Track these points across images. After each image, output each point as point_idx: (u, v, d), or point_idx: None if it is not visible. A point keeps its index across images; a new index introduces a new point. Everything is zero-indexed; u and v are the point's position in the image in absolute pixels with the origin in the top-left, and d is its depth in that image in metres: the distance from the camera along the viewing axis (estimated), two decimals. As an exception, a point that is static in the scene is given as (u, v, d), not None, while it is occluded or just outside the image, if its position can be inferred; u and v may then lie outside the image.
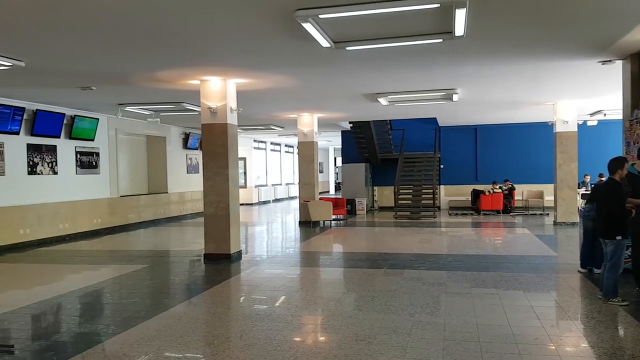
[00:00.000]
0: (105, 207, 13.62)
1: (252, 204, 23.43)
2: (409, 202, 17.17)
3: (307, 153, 14.84)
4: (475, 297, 6.14)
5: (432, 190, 16.71)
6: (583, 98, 12.19)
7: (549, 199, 15.97)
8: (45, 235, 11.55)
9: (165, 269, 8.73)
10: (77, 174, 12.63)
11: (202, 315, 5.72)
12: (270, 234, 13.67)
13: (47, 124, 11.51)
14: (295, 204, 21.14)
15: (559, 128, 13.06)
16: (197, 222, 15.64)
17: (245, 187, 23.17)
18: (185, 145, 17.71)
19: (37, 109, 11.19)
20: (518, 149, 18.36)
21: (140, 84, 9.22)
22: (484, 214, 16.55)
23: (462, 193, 18.51)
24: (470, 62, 7.82)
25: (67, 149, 12.30)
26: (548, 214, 15.89)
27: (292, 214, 18.86)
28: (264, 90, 9.98)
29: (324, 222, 14.45)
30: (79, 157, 12.71)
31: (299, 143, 14.93)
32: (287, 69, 8.19)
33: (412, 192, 17.28)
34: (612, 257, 5.70)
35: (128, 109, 12.21)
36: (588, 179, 16.49)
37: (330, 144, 30.68)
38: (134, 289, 7.06)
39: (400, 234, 12.64)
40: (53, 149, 11.85)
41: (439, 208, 18.10)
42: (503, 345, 4.43)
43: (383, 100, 11.28)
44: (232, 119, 9.09)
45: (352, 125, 17.78)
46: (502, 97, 11.61)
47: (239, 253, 9.25)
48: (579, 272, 7.37)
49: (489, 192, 16.85)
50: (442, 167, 18.75)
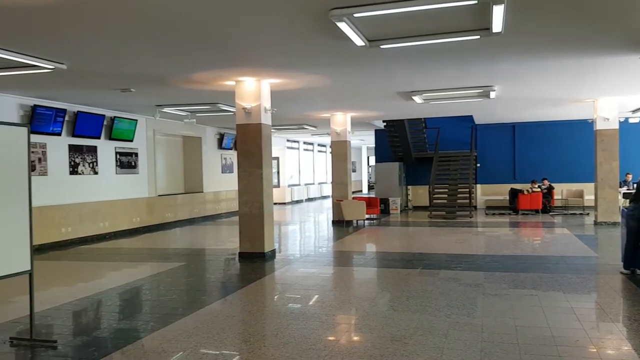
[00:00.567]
0: (144, 206, 13.92)
1: (285, 204, 23.56)
2: (445, 201, 16.96)
3: (340, 152, 14.83)
4: (514, 298, 6.02)
5: (468, 190, 16.47)
6: (625, 95, 11.82)
7: (589, 198, 15.51)
8: (86, 234, 11.89)
9: (201, 267, 8.87)
10: (116, 174, 12.95)
11: (237, 313, 5.79)
12: (303, 233, 13.72)
13: (87, 125, 11.84)
14: (328, 203, 21.17)
15: (600, 125, 12.71)
16: (231, 221, 15.84)
17: (279, 186, 23.32)
18: (220, 146, 17.94)
19: (78, 111, 11.52)
20: (557, 147, 17.91)
21: (178, 86, 9.39)
22: (522, 214, 16.22)
23: (499, 192, 18.17)
24: (508, 58, 7.68)
25: (107, 150, 12.62)
26: (588, 214, 15.46)
27: (324, 213, 18.88)
28: (298, 90, 10.02)
29: (357, 221, 14.41)
30: (119, 157, 13.02)
31: (332, 142, 14.93)
32: (320, 69, 8.20)
33: (447, 191, 17.07)
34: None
35: (165, 110, 12.45)
36: (630, 178, 15.95)
37: (363, 143, 30.58)
38: (172, 287, 7.20)
39: (436, 234, 12.50)
40: (94, 150, 12.18)
41: (476, 207, 17.79)
42: (542, 347, 4.33)
43: (418, 99, 11.18)
44: (266, 119, 9.16)
45: (385, 124, 17.68)
46: (540, 94, 11.35)
47: (273, 252, 9.32)
48: (622, 273, 7.13)
49: (528, 191, 16.50)
50: (478, 165, 18.45)
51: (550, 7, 5.26)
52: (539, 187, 16.65)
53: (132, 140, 13.38)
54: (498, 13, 5.18)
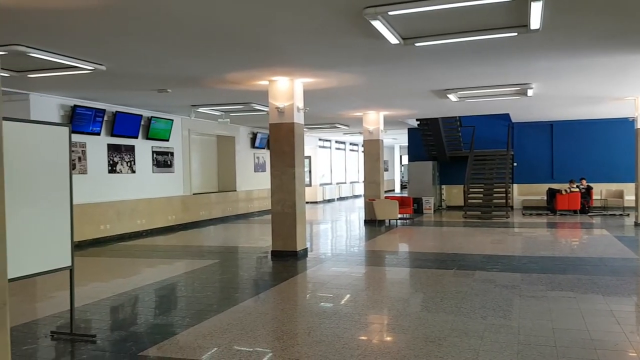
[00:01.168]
0: (179, 204, 14.17)
1: (316, 202, 23.61)
2: (480, 201, 16.70)
3: (372, 151, 14.77)
4: (551, 300, 5.89)
5: (504, 189, 16.18)
6: (669, 92, 11.43)
7: (630, 199, 15.05)
8: (124, 231, 12.17)
9: (235, 265, 8.97)
10: (153, 173, 13.22)
11: (270, 311, 5.83)
12: (335, 232, 13.73)
13: (125, 125, 12.12)
14: (360, 203, 21.12)
15: (642, 123, 12.35)
16: (263, 219, 15.96)
17: (310, 185, 23.39)
18: (253, 145, 18.11)
19: (116, 111, 11.80)
20: (596, 146, 17.43)
21: (212, 86, 9.52)
22: (560, 214, 15.84)
23: (536, 192, 17.78)
24: (546, 55, 7.50)
25: (144, 149, 12.90)
26: (628, 215, 14.99)
27: (356, 213, 18.84)
28: (330, 89, 10.02)
29: (390, 221, 14.33)
30: (155, 156, 13.29)
31: (364, 141, 14.88)
32: (354, 67, 8.18)
33: (483, 190, 16.81)
34: None
35: (200, 110, 12.64)
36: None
37: (396, 142, 30.38)
38: (206, 283, 7.31)
39: (471, 234, 12.32)
40: (131, 149, 12.46)
41: (512, 208, 17.47)
42: (581, 351, 4.22)
43: (453, 97, 11.04)
44: (299, 119, 9.20)
45: (419, 123, 17.52)
46: (580, 92, 11.06)
47: (305, 250, 9.35)
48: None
49: (566, 191, 16.11)
50: (515, 165, 18.10)
51: (590, 2, 5.12)
52: (577, 187, 16.24)
53: (168, 140, 13.63)
54: (536, 9, 5.07)
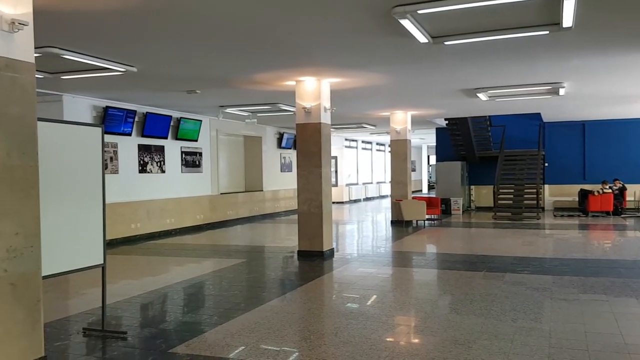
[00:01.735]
0: (207, 204, 14.32)
1: (343, 203, 23.56)
2: (510, 202, 16.44)
3: (399, 151, 14.65)
4: (583, 303, 5.76)
5: (535, 190, 15.88)
6: None
7: (667, 201, 14.64)
8: (154, 230, 12.36)
9: (261, 264, 9.03)
10: (182, 173, 13.40)
11: (297, 310, 5.85)
12: (362, 233, 13.68)
13: (155, 126, 12.31)
14: (387, 203, 21.00)
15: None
16: (289, 219, 16.02)
17: (337, 185, 23.36)
18: (280, 145, 18.20)
19: (147, 112, 12.00)
20: (630, 146, 16.97)
21: (240, 86, 9.60)
22: (593, 216, 15.47)
23: (568, 193, 17.40)
24: (579, 54, 7.33)
25: (173, 149, 13.08)
26: (666, 217, 14.58)
27: (383, 213, 18.74)
28: (358, 89, 9.99)
29: (417, 221, 14.20)
30: (184, 156, 13.46)
31: (392, 141, 14.78)
32: (382, 67, 8.14)
33: (513, 191, 16.53)
34: None
35: (228, 111, 12.76)
36: None
37: (424, 142, 30.11)
38: (234, 282, 7.37)
39: (500, 236, 12.13)
40: (161, 149, 12.65)
41: (543, 209, 17.12)
42: (614, 355, 4.12)
43: (482, 96, 10.88)
44: (325, 119, 9.20)
45: (447, 122, 17.33)
46: (613, 91, 10.79)
47: (331, 251, 9.35)
48: None
49: (598, 192, 15.72)
50: (546, 165, 17.76)
51: (623, 0, 5.00)
52: (610, 188, 15.82)
53: (196, 140, 13.79)
54: (569, 7, 4.95)
